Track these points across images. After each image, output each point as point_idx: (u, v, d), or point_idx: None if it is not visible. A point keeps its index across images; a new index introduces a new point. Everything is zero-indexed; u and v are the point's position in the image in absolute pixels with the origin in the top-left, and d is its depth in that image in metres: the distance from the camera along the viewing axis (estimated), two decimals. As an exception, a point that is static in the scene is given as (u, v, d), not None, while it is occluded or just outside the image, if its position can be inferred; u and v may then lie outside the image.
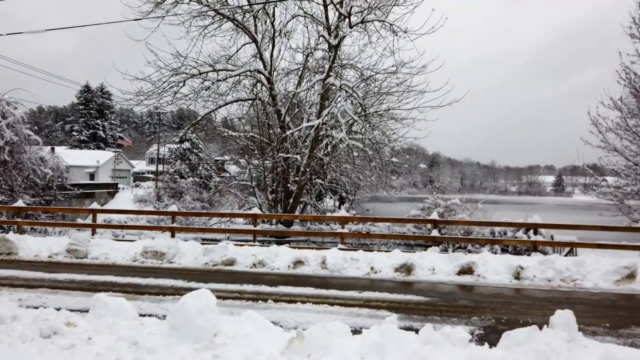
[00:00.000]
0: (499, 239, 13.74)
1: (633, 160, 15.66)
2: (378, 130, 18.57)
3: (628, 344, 5.40)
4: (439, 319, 6.47)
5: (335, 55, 15.52)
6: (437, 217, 12.84)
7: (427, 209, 16.74)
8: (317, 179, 18.90)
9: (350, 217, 13.96)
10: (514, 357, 4.24)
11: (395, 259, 9.87)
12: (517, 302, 7.52)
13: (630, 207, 15.91)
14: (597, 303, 7.60)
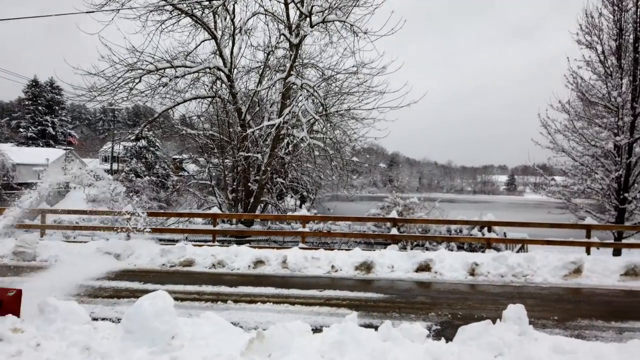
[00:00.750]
0: (455, 237, 14.14)
1: (579, 161, 16.50)
2: (339, 129, 18.70)
3: (575, 336, 5.69)
4: (397, 315, 6.59)
5: (297, 54, 15.50)
6: (396, 216, 13.06)
7: (386, 208, 17.01)
8: (278, 178, 18.82)
9: (312, 216, 13.98)
10: (468, 350, 4.38)
11: (355, 257, 9.97)
12: (472, 298, 7.77)
13: (577, 205, 16.76)
14: (546, 297, 7.96)
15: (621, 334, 5.91)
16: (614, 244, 13.33)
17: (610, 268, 9.55)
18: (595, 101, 15.95)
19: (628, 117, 14.87)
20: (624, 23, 15.54)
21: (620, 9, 15.59)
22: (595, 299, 7.88)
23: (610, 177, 15.20)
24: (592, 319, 6.59)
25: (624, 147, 15.11)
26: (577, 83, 16.39)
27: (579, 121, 16.70)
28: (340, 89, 17.51)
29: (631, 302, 7.76)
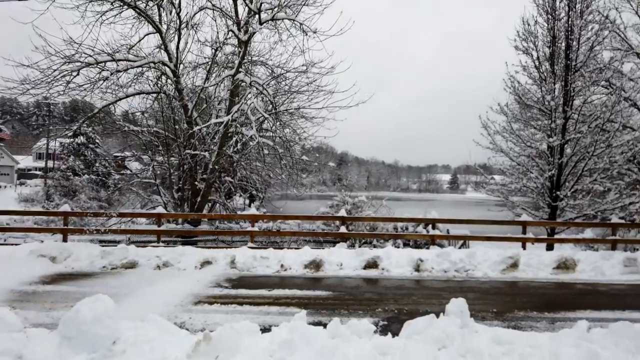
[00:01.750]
0: (402, 234, 14.50)
1: (516, 161, 17.42)
2: (289, 128, 18.65)
3: (512, 327, 6.00)
4: (346, 312, 6.66)
5: (245, 51, 15.29)
6: (345, 214, 13.22)
7: (335, 206, 17.18)
8: (227, 176, 18.49)
9: (261, 215, 13.86)
10: (414, 344, 4.50)
11: (304, 256, 9.99)
12: (417, 293, 8.00)
13: (514, 203, 17.69)
14: (486, 291, 8.34)
15: (553, 323, 6.29)
16: (547, 239, 14.20)
17: (544, 262, 10.16)
18: (531, 104, 16.90)
19: (560, 119, 15.85)
20: (556, 31, 16.55)
21: (554, 18, 16.59)
22: (531, 292, 8.35)
23: (544, 176, 16.15)
24: (527, 310, 6.97)
25: (557, 148, 16.09)
26: (514, 87, 17.29)
27: (516, 123, 17.65)
28: (290, 87, 17.47)
29: (562, 294, 8.28)
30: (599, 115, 15.78)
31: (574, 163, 16.18)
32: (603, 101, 17.02)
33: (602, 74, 16.79)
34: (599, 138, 15.82)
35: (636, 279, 9.53)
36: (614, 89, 17.16)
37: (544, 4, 16.89)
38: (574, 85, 16.10)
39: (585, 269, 10.05)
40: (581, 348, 4.46)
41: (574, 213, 16.23)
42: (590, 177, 16.35)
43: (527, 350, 4.50)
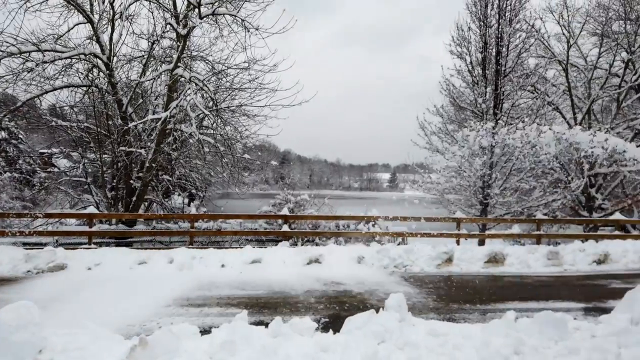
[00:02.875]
0: (344, 232, 14.71)
1: (451, 160, 18.23)
2: (230, 126, 18.32)
3: (447, 319, 6.27)
4: (288, 311, 6.65)
5: (184, 46, 14.81)
6: (288, 213, 13.20)
7: (278, 205, 17.12)
8: (165, 175, 17.85)
9: (201, 215, 13.52)
10: (354, 340, 4.58)
11: (246, 255, 9.87)
12: (358, 289, 8.14)
13: (449, 201, 18.51)
14: (423, 285, 8.65)
15: (485, 315, 6.64)
16: (479, 235, 14.96)
17: (476, 256, 10.70)
18: (465, 107, 17.75)
19: (491, 122, 16.75)
20: (488, 37, 17.48)
21: (486, 25, 17.52)
22: (464, 285, 8.76)
23: (476, 175, 17.01)
24: (461, 303, 7.31)
25: (488, 149, 17.00)
26: (449, 90, 18.09)
27: (451, 124, 18.48)
28: (232, 84, 17.16)
29: (493, 286, 8.76)
30: (525, 118, 16.85)
31: (503, 162, 17.18)
32: (529, 105, 18.21)
33: (529, 79, 17.96)
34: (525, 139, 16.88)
35: (558, 270, 10.28)
36: (539, 94, 18.40)
37: (476, 11, 17.79)
38: (503, 89, 17.09)
39: (514, 262, 10.69)
40: (509, 337, 4.74)
41: (503, 210, 17.23)
42: (517, 176, 17.43)
43: (460, 341, 4.72)
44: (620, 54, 22.49)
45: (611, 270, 10.30)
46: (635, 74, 21.77)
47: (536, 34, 18.20)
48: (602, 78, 22.53)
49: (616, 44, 22.56)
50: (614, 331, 5.08)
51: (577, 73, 23.24)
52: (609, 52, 23.52)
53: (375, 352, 4.39)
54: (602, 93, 21.78)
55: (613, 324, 5.31)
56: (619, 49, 22.42)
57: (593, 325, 5.39)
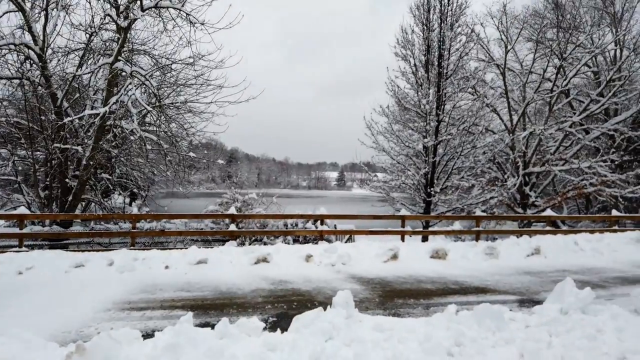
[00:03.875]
0: (292, 231, 14.70)
1: (396, 159, 18.71)
2: (175, 122, 17.78)
3: (392, 314, 6.42)
4: (235, 311, 6.55)
5: (125, 39, 14.19)
6: (235, 212, 13.01)
7: (225, 204, 16.83)
8: (104, 173, 17.05)
9: (143, 215, 13.04)
10: (302, 338, 4.58)
11: (192, 255, 9.62)
12: (306, 287, 8.17)
13: (395, 199, 18.99)
14: (370, 282, 8.81)
15: (428, 309, 6.86)
16: (423, 231, 15.45)
17: (420, 252, 11.04)
18: (409, 107, 18.25)
19: (434, 122, 17.34)
20: (431, 41, 18.08)
21: (428, 28, 18.09)
22: (409, 280, 9.01)
23: (420, 174, 17.56)
24: (406, 298, 7.51)
25: (431, 148, 17.59)
26: (394, 90, 18.54)
27: (396, 124, 18.95)
28: (176, 80, 16.67)
29: (436, 281, 9.06)
30: (466, 119, 17.60)
31: (445, 162, 17.85)
32: (469, 106, 19.03)
33: (469, 82, 18.75)
34: (465, 139, 17.65)
35: (495, 264, 10.81)
36: (478, 96, 19.25)
37: (420, 15, 18.34)
38: (445, 91, 17.73)
39: (455, 257, 11.13)
40: (451, 330, 4.93)
41: (445, 207, 17.90)
42: (458, 175, 18.18)
43: (404, 335, 4.85)
44: (553, 60, 24.00)
45: (542, 263, 10.97)
46: (566, 80, 23.29)
47: (476, 38, 19.05)
48: (536, 82, 23.94)
49: (549, 51, 24.04)
50: (546, 321, 5.41)
51: (514, 77, 24.56)
52: (543, 58, 25.03)
53: (323, 349, 4.41)
54: (536, 96, 23.13)
55: (545, 314, 5.65)
56: (552, 56, 23.91)
57: (527, 316, 5.72)
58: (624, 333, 5.20)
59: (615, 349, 4.74)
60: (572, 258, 11.38)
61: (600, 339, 4.95)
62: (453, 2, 18.04)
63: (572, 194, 22.81)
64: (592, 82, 27.37)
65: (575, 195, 23.00)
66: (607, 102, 24.04)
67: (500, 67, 22.58)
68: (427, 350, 4.54)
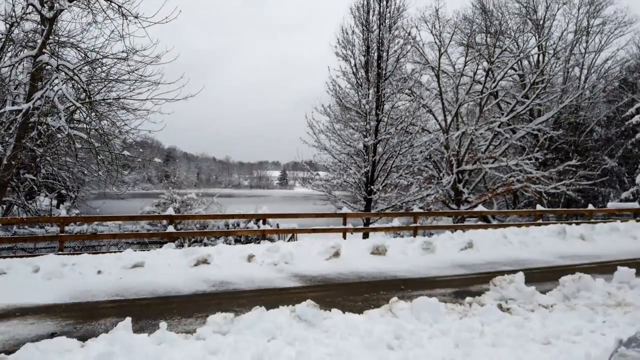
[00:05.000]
0: (233, 231, 14.48)
1: (338, 158, 18.95)
2: (107, 120, 16.85)
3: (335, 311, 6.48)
4: (174, 315, 6.34)
5: (50, 30, 13.26)
6: (173, 213, 12.60)
7: (162, 205, 16.26)
8: (28, 174, 15.88)
9: (72, 218, 12.30)
10: (244, 339, 4.52)
11: (127, 259, 9.18)
12: (250, 287, 8.07)
13: (336, 197, 19.24)
14: (312, 279, 8.85)
15: (369, 304, 7.00)
16: (364, 228, 15.77)
17: (361, 249, 11.25)
18: (350, 107, 18.55)
19: (373, 122, 17.74)
20: (370, 42, 18.46)
21: (368, 30, 18.46)
22: (351, 277, 9.15)
23: (360, 172, 17.90)
24: (348, 295, 7.62)
25: (371, 147, 17.98)
26: (335, 90, 18.75)
27: (337, 123, 19.18)
28: (108, 75, 15.80)
29: (378, 277, 9.28)
30: (404, 119, 18.17)
31: (384, 160, 18.32)
32: (407, 107, 19.65)
33: (406, 83, 19.36)
34: (403, 139, 18.21)
35: (432, 258, 11.24)
36: (415, 97, 19.93)
37: (359, 16, 18.66)
38: (384, 91, 18.19)
39: (394, 253, 11.44)
40: (391, 324, 5.07)
41: (384, 204, 18.38)
42: (397, 173, 18.73)
43: (346, 331, 4.92)
44: (482, 63, 25.34)
45: (475, 256, 11.55)
46: (494, 82, 24.68)
47: (412, 41, 19.69)
48: (467, 84, 25.19)
49: (479, 55, 25.35)
50: (479, 311, 5.70)
51: (447, 79, 25.69)
52: (473, 61, 26.36)
53: (265, 349, 4.38)
54: (467, 98, 24.31)
55: (474, 306, 5.97)
56: (481, 59, 25.23)
57: (462, 307, 6.00)
58: (548, 319, 5.60)
59: (540, 335, 5.09)
60: (502, 251, 12.07)
61: (527, 326, 5.30)
62: (391, 5, 18.54)
63: (501, 190, 24.26)
64: (518, 84, 29.24)
65: (504, 191, 24.47)
66: (532, 104, 25.78)
67: (434, 70, 23.53)
68: (369, 345, 4.63)
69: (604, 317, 5.83)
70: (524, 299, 6.29)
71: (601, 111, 31.36)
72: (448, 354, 4.57)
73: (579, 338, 5.10)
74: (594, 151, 28.70)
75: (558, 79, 30.13)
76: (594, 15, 29.44)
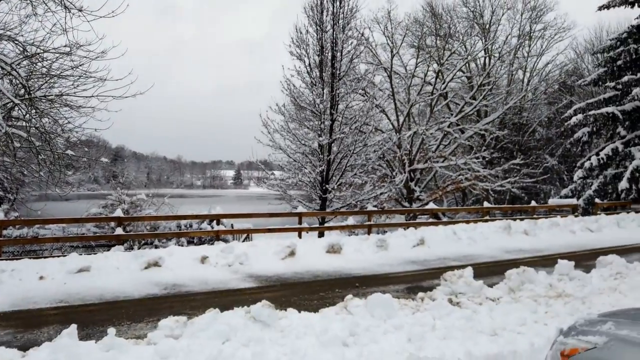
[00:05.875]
0: (186, 232, 14.14)
1: (293, 157, 18.92)
2: (48, 117, 15.98)
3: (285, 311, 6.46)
4: (124, 321, 6.12)
5: (-15, 21, 12.46)
6: (122, 215, 12.15)
7: (110, 206, 15.63)
8: (-40, 175, 14.82)
9: (11, 221, 11.59)
10: (198, 342, 4.43)
11: (71, 263, 8.75)
12: (203, 289, 7.90)
13: (291, 196, 19.21)
14: (268, 279, 8.79)
15: (325, 302, 7.04)
16: (319, 227, 15.84)
17: (317, 248, 11.28)
18: (305, 106, 18.56)
19: (328, 121, 17.85)
20: (324, 42, 18.54)
21: (322, 30, 18.54)
22: (306, 276, 9.17)
23: (316, 172, 17.96)
24: (304, 293, 7.63)
25: (326, 147, 18.09)
26: (290, 89, 18.70)
27: (292, 123, 19.14)
28: (50, 70, 15.00)
29: (333, 275, 9.34)
30: (358, 118, 18.40)
31: (339, 159, 18.48)
32: (361, 107, 19.91)
33: (360, 83, 19.61)
34: (358, 138, 18.44)
35: (385, 255, 11.45)
36: (368, 97, 20.24)
37: (313, 15, 18.70)
38: (338, 91, 18.34)
39: (349, 251, 11.56)
40: (346, 321, 5.12)
41: (339, 203, 18.55)
42: (351, 172, 18.94)
43: (302, 330, 4.93)
44: (433, 65, 26.10)
45: (426, 253, 11.88)
46: (444, 83, 25.49)
47: (365, 42, 19.98)
48: (419, 85, 25.87)
49: (429, 56, 26.08)
50: (430, 306, 5.87)
51: (400, 80, 26.26)
52: (424, 63, 27.11)
53: (220, 351, 4.31)
54: (419, 98, 24.97)
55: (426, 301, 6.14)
56: (431, 61, 25.97)
57: (415, 302, 6.16)
58: (495, 312, 5.85)
59: (488, 327, 5.31)
60: (452, 247, 12.47)
61: (476, 319, 5.51)
62: (344, 6, 18.70)
63: (451, 188, 25.10)
64: (466, 86, 30.36)
65: (453, 189, 25.33)
66: (479, 105, 26.84)
67: (387, 71, 24.00)
68: (324, 343, 4.66)
69: (546, 307, 6.17)
70: (472, 293, 6.54)
71: (542, 112, 33.16)
72: (401, 348, 4.68)
73: (524, 329, 5.36)
74: (536, 150, 30.30)
75: (503, 81, 31.56)
76: (536, 21, 31.08)
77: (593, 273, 7.83)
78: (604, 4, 23.31)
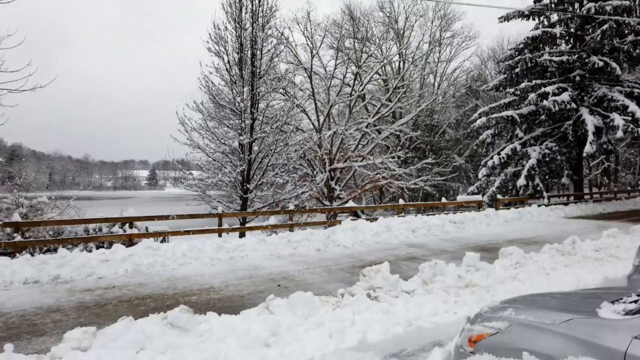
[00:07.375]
0: (95, 236, 13.20)
1: (212, 157, 18.41)
2: None
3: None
4: (25, 334, 5.56)
5: None
6: (20, 219, 11.06)
7: (6, 210, 14.13)
8: None
9: None
10: (109, 353, 4.15)
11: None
12: (114, 296, 7.43)
13: (211, 197, 18.69)
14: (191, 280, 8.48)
15: (246, 304, 6.95)
16: (240, 228, 15.58)
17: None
18: (224, 104, 18.13)
19: (248, 120, 17.61)
20: (244, 39, 18.25)
21: (241, 27, 18.23)
22: (229, 277, 8.96)
23: (236, 171, 17.64)
24: (221, 299, 7.46)
25: (246, 146, 17.82)
26: (209, 87, 18.15)
27: (211, 121, 18.61)
28: None
29: (254, 275, 9.23)
30: (279, 118, 18.37)
31: (260, 159, 18.31)
32: (281, 106, 19.89)
33: (280, 82, 19.57)
34: (279, 137, 18.40)
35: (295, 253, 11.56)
36: (289, 97, 20.28)
37: (232, 12, 18.33)
38: (259, 90, 18.17)
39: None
40: (267, 322, 5.08)
41: (261, 203, 18.39)
42: (273, 171, 18.86)
43: (223, 333, 4.81)
44: (351, 67, 26.79)
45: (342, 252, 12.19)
46: (362, 85, 26.27)
47: (285, 41, 20.00)
48: (338, 86, 26.42)
49: (348, 59, 26.74)
50: (350, 302, 6.02)
51: (320, 80, 26.65)
52: (343, 65, 27.74)
53: (134, 362, 4.08)
54: (338, 99, 25.50)
55: (346, 297, 6.29)
56: (350, 63, 26.65)
57: (335, 299, 6.27)
58: (410, 304, 6.14)
59: (404, 318, 5.55)
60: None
61: (392, 312, 5.74)
62: (264, 4, 18.54)
63: (369, 187, 25.98)
64: (383, 88, 31.61)
65: (371, 187, 26.24)
66: (394, 107, 28.05)
67: (307, 71, 24.25)
68: (246, 344, 4.59)
69: (456, 297, 6.59)
70: (389, 287, 6.81)
71: (451, 115, 35.49)
72: (323, 345, 4.74)
73: (436, 318, 5.69)
74: (446, 150, 32.36)
75: (416, 84, 33.29)
76: (445, 29, 33.18)
77: (496, 264, 8.50)
78: (504, 16, 25.44)
